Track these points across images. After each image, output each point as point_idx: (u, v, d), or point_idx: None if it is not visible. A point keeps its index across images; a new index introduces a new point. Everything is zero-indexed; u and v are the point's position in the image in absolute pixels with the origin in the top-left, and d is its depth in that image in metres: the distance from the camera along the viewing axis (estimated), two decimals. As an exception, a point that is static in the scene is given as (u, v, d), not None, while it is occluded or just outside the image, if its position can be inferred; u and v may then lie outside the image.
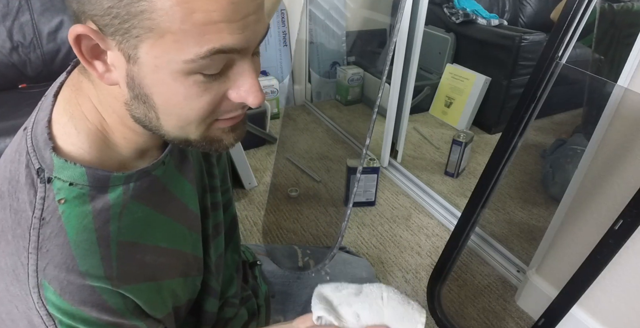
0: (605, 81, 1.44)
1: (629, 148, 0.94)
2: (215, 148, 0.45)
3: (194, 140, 0.43)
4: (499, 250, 1.47)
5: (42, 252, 0.39)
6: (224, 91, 0.40)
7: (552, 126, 2.27)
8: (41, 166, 0.41)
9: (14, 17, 1.66)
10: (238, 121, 0.44)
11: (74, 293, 0.40)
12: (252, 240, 1.55)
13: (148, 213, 0.47)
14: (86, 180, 0.42)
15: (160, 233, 0.49)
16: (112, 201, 0.43)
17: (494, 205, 1.73)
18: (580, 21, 0.85)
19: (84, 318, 0.41)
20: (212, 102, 0.40)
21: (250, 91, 0.40)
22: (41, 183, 0.41)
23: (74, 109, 0.44)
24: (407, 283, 1.38)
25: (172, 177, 0.51)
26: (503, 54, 2.15)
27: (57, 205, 0.40)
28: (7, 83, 1.71)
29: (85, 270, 0.40)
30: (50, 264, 0.39)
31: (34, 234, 0.40)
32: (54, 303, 0.40)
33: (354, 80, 2.52)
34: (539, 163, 1.94)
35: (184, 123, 0.41)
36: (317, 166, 2.00)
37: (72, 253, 0.40)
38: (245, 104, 0.41)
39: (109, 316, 0.43)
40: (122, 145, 0.45)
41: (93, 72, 0.39)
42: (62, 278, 0.40)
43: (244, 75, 0.39)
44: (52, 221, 0.40)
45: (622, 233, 0.81)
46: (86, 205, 0.41)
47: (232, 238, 0.75)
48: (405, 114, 1.90)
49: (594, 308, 1.09)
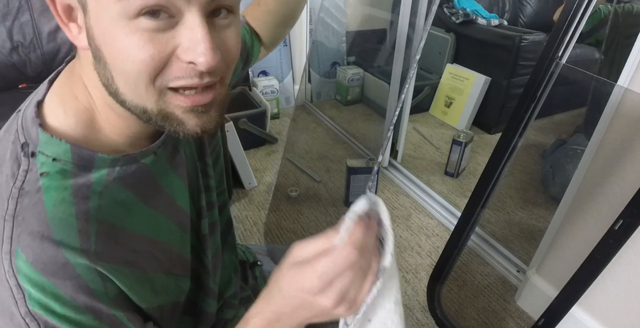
0: (605, 81, 1.44)
1: (629, 148, 0.94)
2: (176, 130, 0.42)
3: (150, 111, 0.41)
4: (499, 250, 1.47)
5: (17, 220, 0.39)
6: (172, 48, 0.37)
7: (552, 126, 2.27)
8: (26, 141, 0.41)
9: (14, 17, 1.66)
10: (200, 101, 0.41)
11: (47, 263, 0.38)
12: (252, 240, 1.55)
13: (131, 199, 0.46)
14: (70, 157, 0.41)
15: (143, 223, 0.48)
16: (95, 180, 0.42)
17: (494, 205, 1.73)
18: (580, 21, 0.85)
19: (55, 293, 0.39)
20: (157, 57, 0.37)
21: (192, 47, 0.37)
22: (25, 157, 0.41)
23: (65, 90, 0.45)
24: (407, 283, 1.38)
25: (163, 170, 0.51)
26: (503, 54, 2.15)
27: (39, 177, 0.40)
28: (7, 83, 1.71)
29: (60, 239, 0.39)
30: (24, 232, 0.38)
31: (12, 203, 0.39)
32: (25, 272, 0.38)
33: (354, 80, 2.52)
34: (539, 163, 1.94)
35: (132, 82, 0.38)
36: (317, 166, 2.00)
37: (47, 222, 0.39)
38: (197, 67, 0.38)
39: (86, 296, 0.40)
40: (109, 130, 0.45)
41: (69, 36, 0.40)
42: (35, 246, 0.38)
43: (191, 28, 0.37)
44: (31, 192, 0.40)
45: (622, 233, 0.81)
46: (67, 180, 0.41)
47: (227, 239, 0.74)
48: (405, 114, 1.91)
49: (594, 308, 1.09)
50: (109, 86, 0.40)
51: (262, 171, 1.96)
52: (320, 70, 2.57)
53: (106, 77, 0.40)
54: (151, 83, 0.39)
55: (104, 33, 0.37)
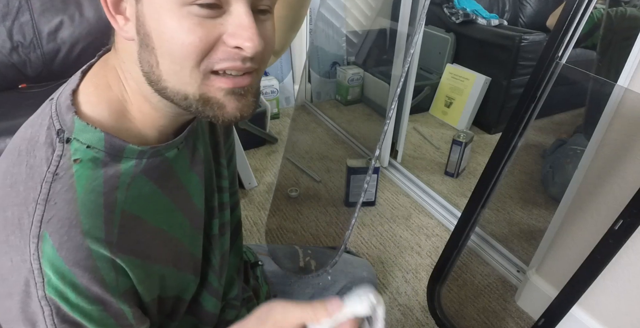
0: (605, 81, 1.44)
1: (629, 148, 0.94)
2: (216, 114, 0.44)
3: (192, 96, 0.42)
4: (499, 250, 1.47)
5: (50, 204, 0.40)
6: (219, 33, 0.40)
7: (552, 126, 2.27)
8: (62, 128, 0.43)
9: (14, 17, 1.66)
10: (240, 83, 0.43)
11: (71, 251, 0.40)
12: (252, 240, 1.55)
13: (154, 191, 0.48)
14: (103, 146, 0.43)
15: (162, 215, 0.49)
16: (123, 170, 0.44)
17: (494, 204, 1.73)
18: (580, 21, 0.85)
19: (73, 282, 0.40)
20: (205, 39, 0.39)
21: (240, 33, 0.40)
22: (60, 142, 0.42)
23: (99, 79, 0.47)
24: (407, 283, 1.38)
25: (184, 166, 0.52)
26: (503, 54, 2.15)
27: (72, 163, 0.42)
28: (7, 83, 1.71)
29: (87, 229, 0.41)
30: (55, 217, 0.40)
31: (46, 187, 0.41)
32: (49, 257, 0.40)
33: (354, 80, 2.52)
34: (539, 163, 1.94)
35: (177, 65, 0.40)
36: (317, 166, 2.00)
37: (77, 210, 0.40)
38: (243, 52, 0.41)
39: (98, 288, 0.42)
40: (139, 121, 0.47)
41: (115, 26, 0.42)
42: (63, 232, 0.40)
43: (237, 17, 0.40)
44: (64, 178, 0.41)
45: (622, 233, 0.81)
46: (98, 169, 0.43)
47: (236, 241, 0.75)
48: (405, 114, 1.91)
49: (594, 308, 1.10)
50: (152, 74, 0.42)
51: (262, 171, 1.96)
52: (320, 70, 2.57)
53: (150, 64, 0.41)
54: (197, 66, 0.40)
55: (156, 19, 0.39)
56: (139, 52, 0.42)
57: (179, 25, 0.39)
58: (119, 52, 0.45)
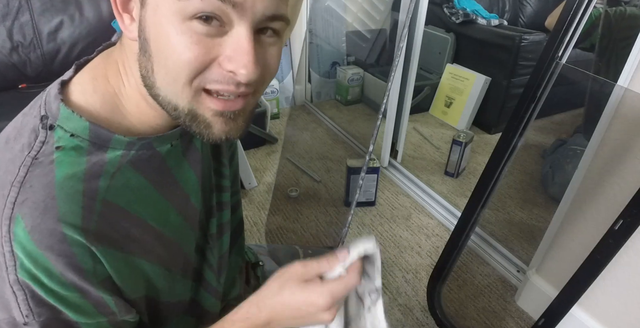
0: (605, 81, 1.44)
1: (629, 148, 0.94)
2: (202, 132, 0.43)
3: (182, 109, 0.42)
4: (499, 250, 1.47)
5: (25, 187, 0.39)
6: (216, 54, 0.39)
7: (552, 126, 2.27)
8: (46, 114, 0.42)
9: (14, 17, 1.66)
10: (231, 107, 0.42)
11: (44, 235, 0.38)
12: (252, 240, 1.55)
13: (143, 185, 0.46)
14: (87, 135, 0.42)
15: (152, 211, 0.48)
16: (109, 159, 0.43)
17: (494, 204, 1.73)
18: (580, 21, 0.85)
19: (46, 267, 0.39)
20: (201, 59, 0.39)
21: (236, 58, 0.39)
22: (43, 128, 0.41)
23: (98, 71, 0.46)
24: (407, 283, 1.38)
25: (178, 163, 0.51)
26: (503, 54, 2.15)
27: (54, 150, 0.41)
28: (7, 83, 1.71)
29: (62, 213, 0.39)
30: (29, 200, 0.39)
31: (23, 170, 0.40)
32: (21, 241, 0.38)
33: (354, 80, 2.52)
34: (539, 163, 1.94)
35: (171, 78, 0.40)
36: (317, 166, 2.00)
37: (54, 194, 0.39)
38: (236, 78, 0.40)
39: (74, 275, 0.40)
40: (135, 115, 0.46)
41: (121, 25, 0.42)
42: (36, 215, 0.38)
43: (236, 41, 0.39)
44: (44, 163, 0.40)
45: (622, 233, 0.81)
46: (82, 157, 0.42)
47: (237, 241, 0.74)
48: (405, 114, 1.90)
49: (594, 308, 1.09)
50: (147, 78, 0.41)
51: (262, 171, 1.96)
52: (320, 70, 2.57)
53: (147, 70, 0.41)
54: (189, 83, 0.40)
55: (157, 28, 0.39)
56: (138, 55, 0.42)
57: (178, 40, 0.38)
58: (124, 47, 0.45)
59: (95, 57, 0.48)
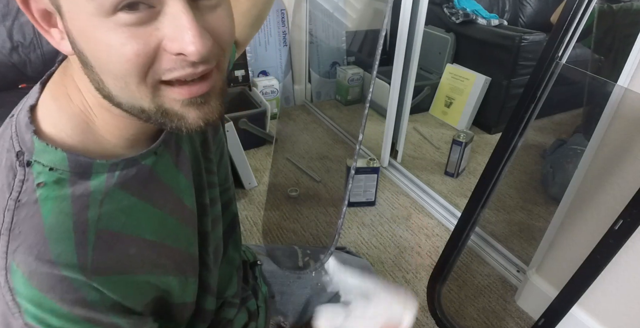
0: (605, 81, 1.44)
1: (629, 148, 0.94)
2: (178, 126, 0.40)
3: (149, 110, 0.38)
4: (499, 250, 1.47)
5: (14, 234, 0.37)
6: (158, 40, 0.34)
7: (552, 126, 2.27)
8: (21, 149, 0.40)
9: (14, 17, 1.66)
10: (197, 92, 0.38)
11: (43, 280, 0.37)
12: (252, 240, 1.55)
13: (134, 202, 0.45)
14: (67, 166, 0.40)
15: (148, 225, 0.46)
16: (93, 188, 0.41)
17: (494, 204, 1.73)
18: (580, 21, 0.85)
19: (52, 308, 0.38)
20: (142, 52, 0.34)
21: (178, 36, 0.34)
22: (20, 166, 0.39)
23: (59, 91, 0.43)
24: (407, 283, 1.38)
25: (168, 170, 0.49)
26: (503, 54, 2.15)
27: (35, 188, 0.39)
28: (7, 83, 1.72)
29: (56, 255, 0.38)
30: (21, 246, 0.37)
31: (8, 215, 0.38)
32: (20, 288, 0.37)
33: (354, 80, 2.52)
34: (539, 163, 1.94)
35: (121, 82, 0.36)
36: (317, 166, 2.00)
37: (44, 237, 0.38)
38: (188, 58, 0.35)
39: (83, 309, 0.39)
40: (106, 131, 0.43)
41: (52, 42, 0.38)
42: (31, 261, 0.37)
43: (174, 16, 0.34)
44: (28, 204, 0.38)
45: (622, 233, 0.81)
46: (65, 189, 0.39)
47: (232, 236, 0.74)
48: (405, 114, 1.90)
49: (594, 308, 1.09)
50: (102, 90, 0.38)
51: (262, 171, 1.96)
52: (320, 70, 2.57)
53: (96, 81, 0.38)
54: (142, 81, 0.36)
55: (83, 35, 0.35)
56: (83, 69, 0.38)
57: (109, 41, 0.33)
58: (71, 63, 0.41)
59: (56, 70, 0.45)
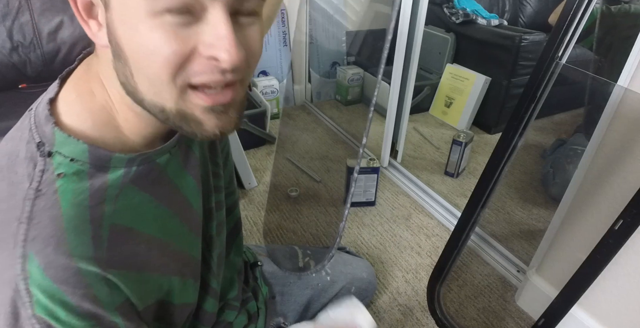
0: (605, 81, 1.44)
1: (629, 148, 0.94)
2: (194, 131, 0.41)
3: (169, 110, 0.40)
4: (499, 250, 1.47)
5: (33, 223, 0.38)
6: (195, 44, 0.37)
7: (552, 126, 2.27)
8: (42, 141, 0.41)
9: (14, 17, 1.66)
10: (220, 100, 0.40)
11: (58, 270, 0.38)
12: (252, 240, 1.55)
13: (147, 200, 0.46)
14: (87, 157, 0.41)
15: (157, 224, 0.48)
16: (111, 182, 0.42)
17: (494, 204, 1.73)
18: (580, 21, 0.85)
19: (63, 300, 0.39)
20: (179, 52, 0.36)
21: (216, 43, 0.36)
22: (41, 156, 0.40)
23: (82, 86, 0.44)
24: (407, 283, 1.38)
25: (178, 170, 0.51)
26: (503, 54, 2.15)
27: (55, 178, 0.40)
28: (7, 83, 1.71)
29: (73, 247, 0.39)
30: (39, 236, 0.38)
31: (28, 204, 0.39)
32: (36, 278, 0.38)
33: (354, 80, 2.52)
34: (539, 163, 1.94)
35: (152, 79, 0.38)
36: (317, 166, 2.00)
37: (63, 227, 0.39)
38: (220, 65, 0.37)
39: (90, 304, 0.40)
40: (126, 127, 0.45)
41: (88, 33, 0.40)
42: (48, 252, 0.38)
43: (215, 25, 0.36)
44: (47, 194, 0.39)
45: (622, 233, 0.81)
46: (84, 182, 0.41)
47: (235, 240, 0.74)
48: (405, 114, 1.90)
49: (594, 308, 1.09)
50: (127, 84, 0.40)
51: (262, 171, 1.96)
52: (320, 70, 2.57)
53: (125, 75, 0.39)
54: (172, 80, 0.38)
55: (126, 29, 0.36)
56: (113, 62, 0.40)
57: (151, 37, 0.35)
58: (99, 57, 0.43)
59: (76, 67, 0.47)
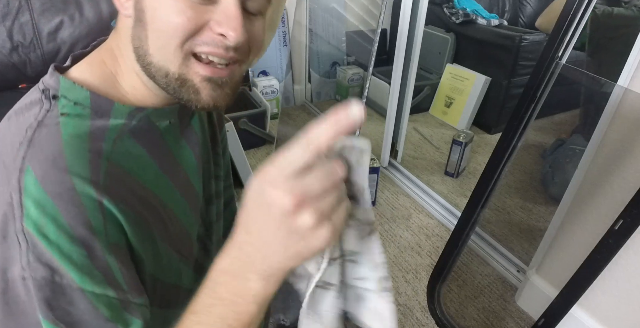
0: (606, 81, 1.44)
1: (629, 148, 0.94)
2: (190, 99, 0.45)
3: (172, 74, 0.44)
4: (499, 250, 1.47)
5: (33, 144, 0.40)
6: (207, 18, 0.42)
7: (552, 126, 2.27)
8: (47, 88, 0.45)
9: (14, 17, 1.66)
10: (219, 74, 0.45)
11: (54, 183, 0.38)
12: (252, 240, 1.55)
13: (144, 155, 0.47)
14: (89, 103, 0.44)
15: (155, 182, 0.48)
16: (111, 126, 0.45)
17: (494, 204, 1.73)
18: (580, 21, 0.85)
19: (54, 216, 0.37)
20: (193, 21, 0.42)
21: (225, 21, 0.42)
22: (46, 99, 0.44)
23: (95, 57, 0.49)
24: (407, 283, 1.38)
25: (177, 141, 0.53)
26: (503, 54, 2.15)
27: (59, 115, 0.43)
28: (7, 83, 1.71)
29: (71, 166, 0.39)
30: (38, 154, 0.40)
31: (30, 131, 0.41)
32: (31, 189, 0.38)
33: (354, 80, 2.52)
34: (539, 163, 1.94)
35: (163, 41, 0.43)
36: (317, 166, 2.00)
37: (62, 149, 0.40)
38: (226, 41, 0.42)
39: (83, 229, 0.38)
40: (131, 94, 0.48)
41: (116, 3, 0.45)
42: (46, 166, 0.39)
43: (226, 7, 0.42)
44: (49, 125, 0.42)
45: (622, 233, 0.81)
46: (86, 121, 0.44)
47: None
48: (405, 114, 1.90)
49: (594, 308, 1.09)
50: (140, 48, 0.44)
51: (262, 171, 1.96)
52: (320, 70, 2.57)
53: (140, 39, 0.44)
54: (180, 45, 0.42)
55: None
56: (133, 28, 0.44)
57: (172, 5, 0.41)
58: (118, 31, 0.48)
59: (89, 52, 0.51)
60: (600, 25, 1.57)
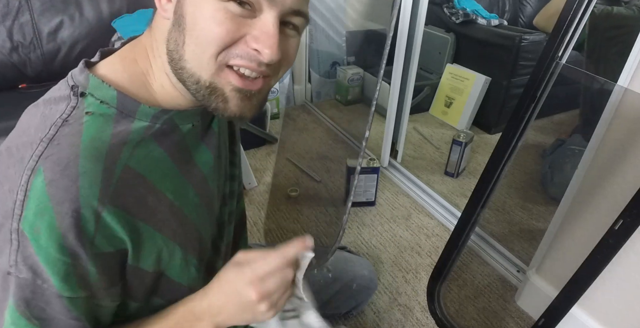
0: (605, 81, 1.44)
1: (629, 148, 0.94)
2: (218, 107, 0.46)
3: (203, 82, 0.45)
4: (499, 250, 1.47)
5: (52, 143, 0.41)
6: (245, 32, 0.43)
7: (552, 126, 2.27)
8: (75, 84, 0.46)
9: (14, 17, 1.66)
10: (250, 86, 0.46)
11: (59, 190, 0.40)
12: (253, 239, 1.55)
13: (164, 158, 0.49)
14: (115, 103, 0.45)
15: (171, 185, 0.49)
16: (133, 129, 0.46)
17: (494, 204, 1.73)
18: (580, 21, 0.85)
19: (50, 222, 0.39)
20: (231, 34, 0.42)
21: (262, 38, 0.43)
22: (74, 95, 0.45)
23: (127, 55, 0.50)
24: (407, 283, 1.38)
25: (196, 144, 0.54)
26: (503, 54, 2.15)
27: (84, 114, 0.44)
28: (7, 83, 1.72)
29: (83, 171, 0.41)
30: (54, 155, 0.41)
31: (54, 129, 0.42)
32: (36, 191, 0.39)
33: (354, 80, 2.52)
34: (539, 163, 1.94)
35: (200, 49, 0.43)
36: (317, 166, 2.00)
37: (78, 154, 0.41)
38: (260, 57, 0.43)
39: (74, 238, 0.40)
40: (160, 93, 0.49)
41: (158, 4, 0.46)
42: (57, 170, 0.40)
43: (265, 24, 0.43)
44: (73, 125, 0.43)
45: (622, 233, 0.81)
46: (109, 123, 0.45)
47: (242, 234, 0.76)
48: (405, 114, 1.90)
49: (594, 308, 1.09)
50: (175, 52, 0.45)
51: (262, 171, 1.96)
52: (320, 70, 2.57)
53: (177, 43, 0.44)
54: (215, 55, 0.43)
55: (195, 5, 0.43)
56: (170, 31, 0.45)
57: (213, 16, 0.42)
58: (153, 30, 0.49)
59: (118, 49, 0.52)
60: (599, 25, 1.56)
